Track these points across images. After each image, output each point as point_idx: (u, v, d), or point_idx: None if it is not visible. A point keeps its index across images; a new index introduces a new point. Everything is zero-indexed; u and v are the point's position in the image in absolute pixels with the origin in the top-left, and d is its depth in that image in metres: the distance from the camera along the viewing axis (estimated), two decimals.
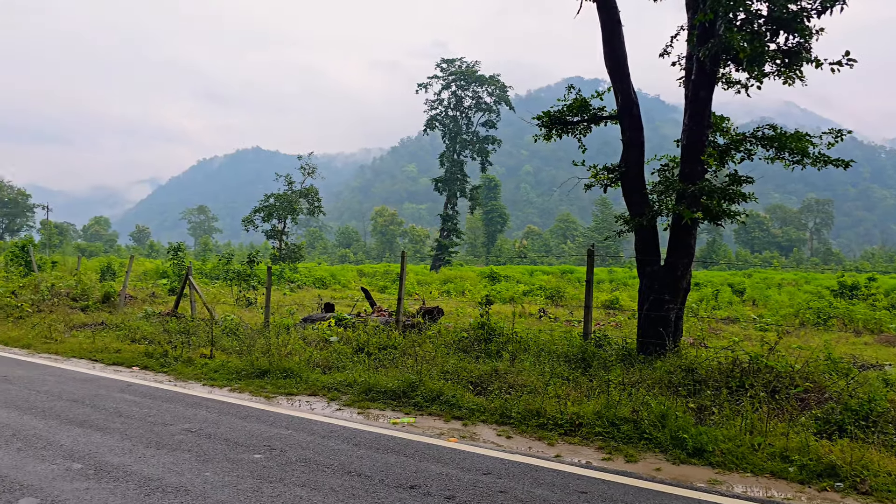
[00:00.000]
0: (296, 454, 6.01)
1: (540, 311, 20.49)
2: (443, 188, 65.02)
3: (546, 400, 7.62)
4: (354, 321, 13.41)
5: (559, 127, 11.40)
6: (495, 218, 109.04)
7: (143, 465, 5.57)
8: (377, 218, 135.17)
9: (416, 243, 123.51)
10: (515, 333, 11.15)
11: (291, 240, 50.89)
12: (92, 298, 18.63)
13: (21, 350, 12.20)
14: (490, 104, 66.40)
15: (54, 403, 7.81)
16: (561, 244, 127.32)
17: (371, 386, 8.64)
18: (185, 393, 8.71)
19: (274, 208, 48.80)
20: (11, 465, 5.46)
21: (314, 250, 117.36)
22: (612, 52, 10.60)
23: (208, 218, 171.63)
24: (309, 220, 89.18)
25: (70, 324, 14.94)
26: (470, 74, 65.62)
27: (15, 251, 28.27)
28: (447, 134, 65.98)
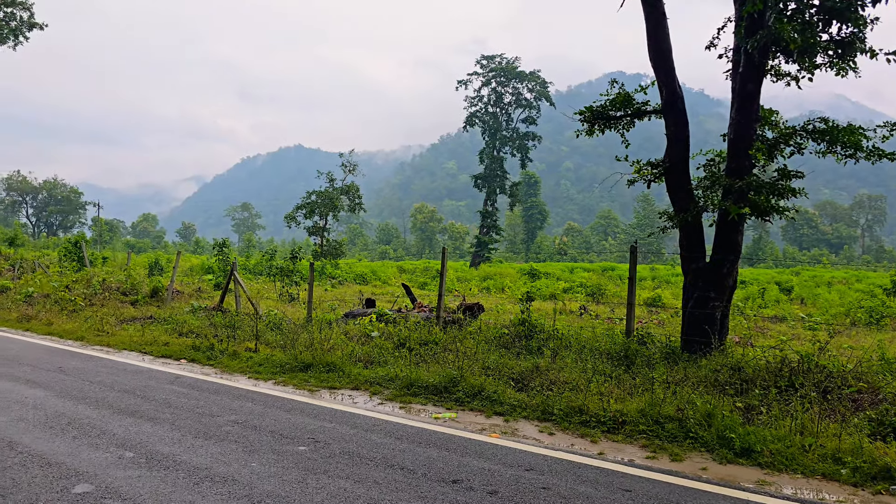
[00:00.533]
0: (339, 447, 6.07)
1: (581, 309, 20.33)
2: (482, 185, 64.92)
3: (588, 397, 7.56)
4: (395, 317, 13.50)
5: (602, 122, 11.28)
6: (535, 215, 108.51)
7: (191, 454, 5.69)
8: (417, 215, 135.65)
9: (455, 240, 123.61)
10: (556, 330, 11.07)
11: (332, 236, 51.48)
12: (141, 293, 19.10)
13: (75, 342, 12.58)
14: (530, 100, 66.05)
15: (107, 394, 8.04)
16: (602, 241, 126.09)
17: (413, 381, 8.68)
18: (232, 385, 8.88)
19: (315, 205, 49.38)
20: (67, 453, 5.63)
21: (355, 247, 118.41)
22: (656, 45, 10.44)
23: (252, 215, 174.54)
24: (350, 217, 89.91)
25: (120, 317, 15.35)
26: (510, 71, 65.36)
27: (68, 247, 29.21)
28: (487, 131, 65.83)
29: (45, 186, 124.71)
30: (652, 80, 10.78)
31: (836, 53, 9.31)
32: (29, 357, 10.66)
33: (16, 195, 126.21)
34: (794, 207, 9.97)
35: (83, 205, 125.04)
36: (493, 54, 67.05)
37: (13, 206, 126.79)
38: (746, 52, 9.44)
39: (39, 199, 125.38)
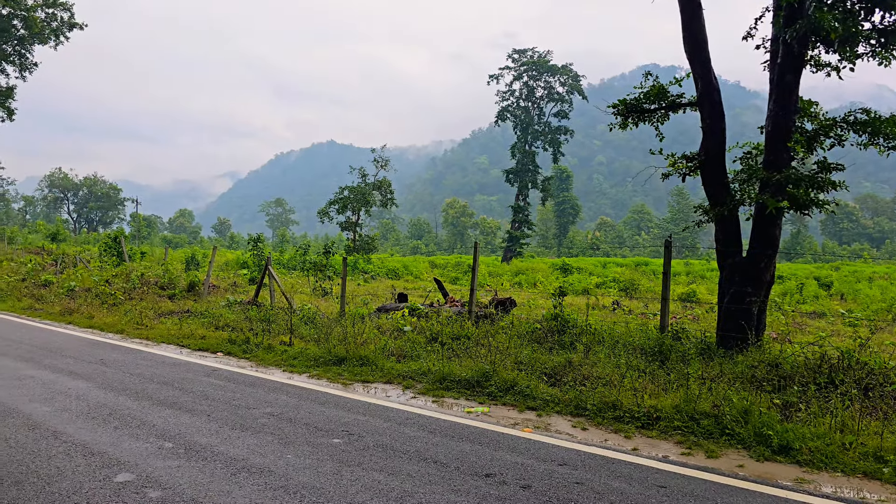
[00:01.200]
0: (373, 440, 6.12)
1: (614, 304, 20.16)
2: (514, 179, 64.64)
3: (622, 392, 7.50)
4: (427, 311, 13.54)
5: (635, 115, 11.15)
6: (567, 209, 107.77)
7: (228, 445, 5.79)
8: (448, 210, 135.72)
9: (487, 235, 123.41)
10: (589, 325, 11.00)
11: (365, 231, 51.76)
12: (178, 287, 19.45)
13: (115, 335, 12.88)
14: (562, 94, 65.54)
15: (146, 386, 8.22)
16: (635, 235, 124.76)
17: (445, 375, 8.70)
18: (267, 378, 9.00)
19: (348, 200, 49.68)
20: (109, 443, 5.78)
21: (387, 242, 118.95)
22: (691, 36, 10.28)
23: (285, 210, 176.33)
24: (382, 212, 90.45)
25: (159, 311, 15.66)
26: (542, 64, 64.92)
27: (108, 242, 29.83)
28: (518, 125, 65.50)
29: (85, 183, 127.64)
30: (687, 72, 10.63)
31: (879, 42, 9.08)
32: (71, 349, 10.94)
33: (58, 192, 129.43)
34: (834, 201, 9.75)
35: (122, 201, 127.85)
36: (524, 48, 66.67)
37: (55, 203, 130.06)
38: (785, 43, 9.25)
39: (80, 195, 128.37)
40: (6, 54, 50.77)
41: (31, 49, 52.20)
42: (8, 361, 9.68)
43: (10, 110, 53.53)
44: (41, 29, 49.93)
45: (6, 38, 49.62)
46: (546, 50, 65.97)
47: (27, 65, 52.67)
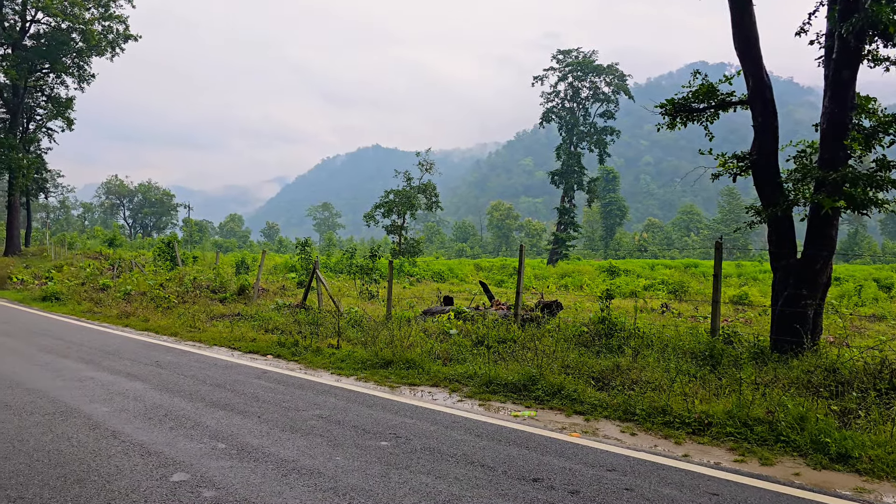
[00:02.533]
0: (420, 443, 6.15)
1: (662, 307, 19.85)
2: (559, 181, 64.19)
3: (672, 397, 7.38)
4: (473, 314, 13.54)
5: (684, 115, 10.97)
6: (614, 210, 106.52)
7: (279, 447, 5.89)
8: (493, 212, 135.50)
9: (532, 237, 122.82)
10: (637, 328, 10.86)
11: (410, 234, 52.05)
12: (229, 291, 19.88)
13: (169, 337, 13.23)
14: (608, 94, 64.85)
15: (199, 387, 8.42)
16: (684, 237, 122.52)
17: (491, 378, 8.69)
18: (315, 381, 9.13)
19: (393, 204, 50.05)
20: (165, 443, 5.94)
21: (432, 245, 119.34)
22: (742, 33, 10.07)
23: (332, 214, 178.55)
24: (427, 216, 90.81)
25: (211, 314, 16.02)
26: (587, 65, 64.35)
27: (162, 247, 30.70)
28: (564, 126, 65.04)
29: (140, 190, 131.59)
30: (737, 69, 10.41)
31: None
32: (128, 351, 11.28)
33: (114, 198, 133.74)
34: (894, 200, 9.42)
35: (174, 206, 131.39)
36: (569, 49, 66.17)
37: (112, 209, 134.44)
38: (841, 38, 8.99)
39: (135, 201, 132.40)
40: (66, 67, 52.64)
41: (88, 61, 54.03)
42: (70, 363, 10.04)
43: (70, 120, 55.44)
44: (98, 41, 51.64)
45: (66, 51, 51.47)
46: (591, 50, 65.42)
47: (85, 76, 54.52)
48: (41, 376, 8.96)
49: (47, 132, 57.25)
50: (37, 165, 54.60)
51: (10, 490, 4.75)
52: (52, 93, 55.40)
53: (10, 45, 50.55)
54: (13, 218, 54.17)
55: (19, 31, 50.72)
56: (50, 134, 57.54)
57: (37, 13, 50.31)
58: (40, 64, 51.46)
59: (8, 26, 50.32)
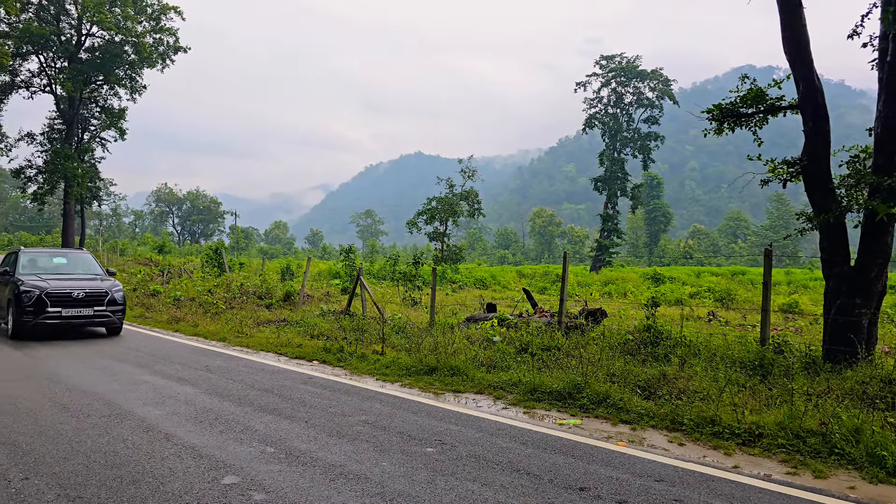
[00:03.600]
0: (466, 450, 6.17)
1: (709, 315, 19.49)
2: (602, 187, 63.66)
3: (721, 407, 7.25)
4: (516, 322, 13.51)
5: (731, 120, 10.78)
6: (658, 217, 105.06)
7: (326, 452, 5.98)
8: (535, 219, 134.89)
9: (575, 244, 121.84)
10: (684, 337, 10.70)
11: (452, 241, 52.13)
12: (275, 297, 20.22)
13: (218, 343, 13.52)
14: (652, 99, 64.14)
15: (248, 392, 8.59)
16: (731, 244, 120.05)
17: (536, 386, 8.67)
18: (360, 386, 9.23)
19: (436, 211, 50.26)
20: (216, 446, 6.08)
21: (474, 251, 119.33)
22: (792, 36, 9.87)
23: (375, 221, 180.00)
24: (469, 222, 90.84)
25: (257, 320, 16.32)
26: (630, 70, 63.75)
27: (210, 253, 31.38)
28: (607, 132, 64.51)
29: (188, 197, 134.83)
30: (786, 72, 10.21)
31: None
32: (179, 356, 11.57)
33: (164, 206, 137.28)
34: None
35: (222, 214, 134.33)
36: (612, 54, 65.66)
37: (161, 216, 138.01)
38: (895, 40, 8.75)
39: (184, 209, 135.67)
40: (119, 78, 54.30)
41: (140, 73, 55.64)
42: (123, 367, 10.34)
43: (122, 130, 57.10)
44: (149, 53, 53.15)
45: (119, 63, 53.11)
46: (635, 55, 64.87)
47: (137, 88, 56.14)
48: (97, 380, 9.25)
49: (101, 142, 59.11)
50: (91, 174, 56.38)
51: (69, 489, 4.93)
52: (106, 104, 57.17)
53: (66, 59, 52.42)
54: (68, 225, 56.00)
55: (75, 45, 52.55)
56: (103, 144, 59.40)
57: (92, 27, 52.07)
58: (94, 76, 53.20)
59: (65, 40, 52.18)
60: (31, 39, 49.16)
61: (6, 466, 5.44)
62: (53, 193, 54.45)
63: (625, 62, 64.48)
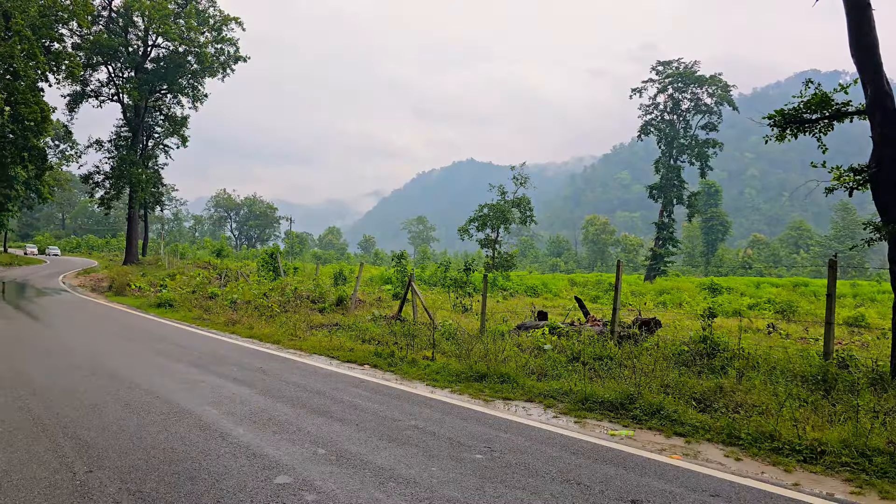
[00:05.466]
0: (515, 458, 6.13)
1: (769, 327, 18.91)
2: (658, 195, 62.58)
3: (780, 422, 7.01)
4: (568, 330, 13.37)
5: (794, 126, 10.47)
6: (715, 226, 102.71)
7: (376, 455, 6.02)
8: (588, 227, 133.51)
9: (628, 253, 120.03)
10: (742, 349, 10.40)
11: (504, 248, 51.97)
12: (328, 301, 20.49)
13: (272, 345, 13.77)
14: (710, 106, 62.76)
15: (300, 394, 8.72)
16: (792, 254, 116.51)
17: (587, 396, 8.55)
18: (411, 392, 9.26)
19: (487, 218, 50.19)
20: (269, 446, 6.19)
21: (525, 259, 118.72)
22: (859, 39, 9.54)
23: (426, 228, 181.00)
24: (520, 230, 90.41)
25: (310, 323, 16.57)
26: (688, 76, 62.56)
27: (265, 258, 32.06)
28: (663, 139, 63.42)
29: (245, 203, 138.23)
30: (853, 76, 9.86)
31: None
32: (235, 357, 11.83)
33: (222, 211, 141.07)
34: None
35: (277, 219, 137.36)
36: (669, 60, 64.60)
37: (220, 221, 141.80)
38: None
39: (241, 214, 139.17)
40: (181, 87, 56.09)
41: (202, 82, 57.39)
42: (182, 367, 10.63)
43: (184, 137, 58.92)
44: (211, 63, 54.73)
45: (182, 72, 54.86)
46: (693, 60, 63.63)
47: (199, 96, 57.88)
48: (157, 378, 9.53)
49: (164, 149, 61.15)
50: (154, 180, 58.31)
51: (129, 483, 5.09)
52: (169, 112, 59.15)
53: (133, 69, 54.42)
54: (132, 229, 58.00)
55: (141, 56, 54.52)
56: (166, 150, 61.44)
57: (157, 38, 53.97)
58: (159, 85, 55.10)
59: (132, 51, 54.19)
60: (101, 51, 51.27)
61: (72, 459, 5.65)
62: (119, 198, 56.51)
63: (682, 68, 63.32)
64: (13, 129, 44.70)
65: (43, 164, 46.22)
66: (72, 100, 53.79)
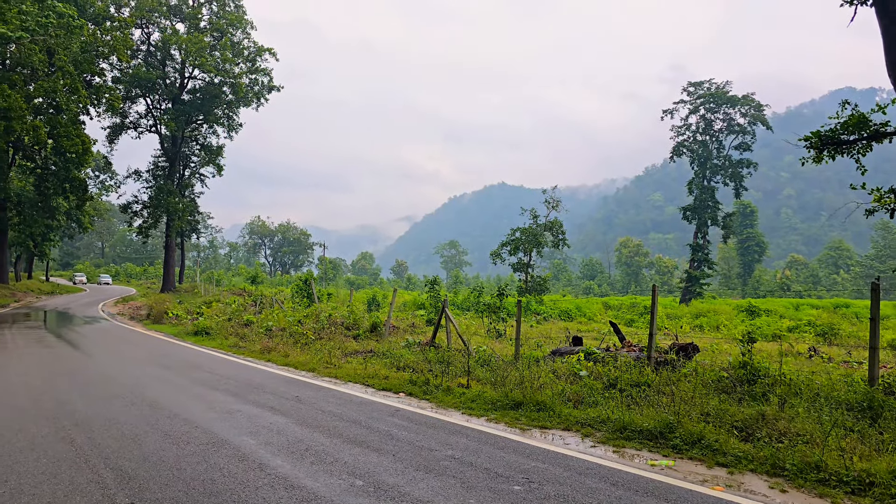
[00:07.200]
0: (553, 489, 6.06)
1: (810, 350, 18.49)
2: (692, 217, 61.95)
3: (826, 452, 6.83)
4: (604, 356, 13.22)
5: (831, 147, 10.33)
6: (752, 247, 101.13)
7: (413, 486, 6.00)
8: (622, 249, 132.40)
9: (662, 275, 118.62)
10: (783, 375, 10.17)
11: (536, 272, 51.75)
12: (362, 328, 20.58)
13: (307, 373, 13.86)
14: (744, 126, 62.18)
15: (336, 423, 8.75)
16: (832, 274, 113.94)
17: (625, 424, 8.43)
18: (446, 420, 9.23)
19: (520, 242, 50.12)
20: (307, 477, 6.21)
21: (558, 282, 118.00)
22: (895, 60, 9.41)
23: (458, 252, 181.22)
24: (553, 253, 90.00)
25: (345, 351, 16.64)
26: (720, 96, 62.14)
27: (299, 284, 32.35)
28: (696, 160, 62.93)
29: (279, 230, 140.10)
30: (890, 94, 9.71)
31: None
32: (270, 386, 11.93)
33: (256, 238, 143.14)
34: None
35: (311, 245, 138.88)
36: (700, 80, 64.33)
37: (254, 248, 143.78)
38: None
39: (275, 241, 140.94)
40: (217, 118, 57.37)
41: (237, 111, 58.66)
42: (220, 395, 10.75)
43: (220, 166, 60.11)
44: (245, 93, 55.94)
45: (217, 103, 56.17)
46: (724, 80, 63.26)
47: (234, 126, 59.15)
48: (195, 408, 9.65)
49: (200, 178, 62.41)
50: (191, 209, 59.49)
51: None
52: (205, 141, 60.45)
53: (170, 101, 55.87)
54: (169, 257, 59.09)
55: (178, 87, 55.97)
56: (202, 179, 62.70)
57: (194, 70, 55.41)
58: (195, 116, 56.46)
59: (169, 83, 55.66)
60: (140, 83, 52.80)
61: (114, 490, 5.73)
62: (157, 227, 57.69)
63: (714, 88, 62.96)
64: (55, 162, 46.19)
65: (84, 195, 47.54)
66: (111, 131, 55.42)
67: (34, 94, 37.06)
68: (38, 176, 47.67)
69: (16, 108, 33.40)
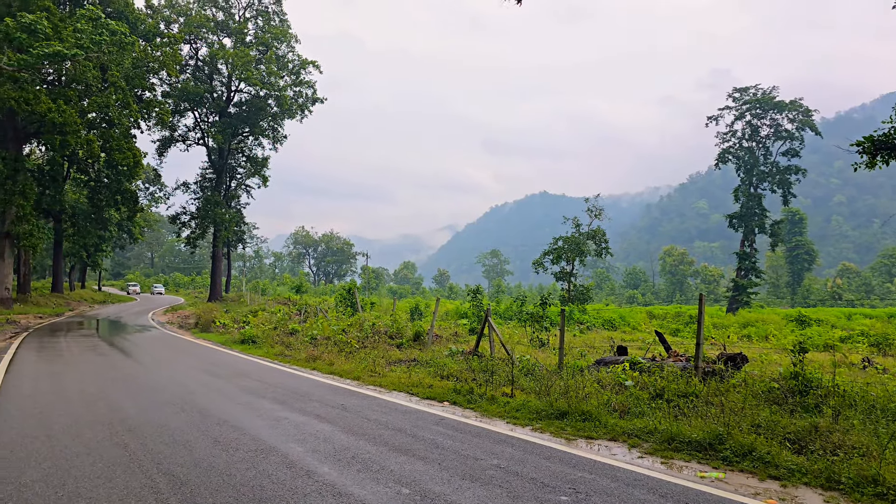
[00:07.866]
0: (601, 500, 6.00)
1: (864, 361, 17.95)
2: (738, 224, 60.76)
3: (884, 465, 6.62)
4: (649, 366, 13.05)
5: (885, 152, 10.06)
6: (801, 255, 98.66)
7: (459, 495, 6.01)
8: (666, 258, 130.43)
9: (708, 283, 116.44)
10: (837, 386, 9.90)
11: (579, 281, 51.27)
12: (405, 337, 20.69)
13: (352, 381, 14.00)
14: (791, 131, 60.79)
15: (382, 431, 8.82)
16: (885, 283, 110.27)
17: (673, 435, 8.31)
18: (491, 430, 9.22)
19: (562, 250, 49.75)
20: (354, 484, 6.28)
21: (601, 291, 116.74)
22: None
23: (500, 261, 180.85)
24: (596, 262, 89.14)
25: (389, 359, 16.75)
26: (766, 101, 60.93)
27: (343, 293, 32.69)
28: (742, 167, 61.76)
29: (323, 240, 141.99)
30: None
31: None
32: (316, 394, 12.08)
33: (301, 248, 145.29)
34: None
35: (354, 255, 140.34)
36: (745, 86, 63.15)
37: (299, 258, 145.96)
38: None
39: (319, 250, 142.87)
40: (262, 130, 58.53)
41: (281, 124, 59.76)
42: (267, 403, 10.93)
43: (265, 178, 61.21)
44: (290, 105, 56.96)
45: (262, 115, 57.32)
46: (771, 86, 62.07)
47: (279, 138, 60.25)
48: (244, 415, 9.83)
49: (246, 189, 63.66)
50: (237, 219, 60.71)
51: None
52: (251, 153, 61.67)
53: (217, 113, 57.21)
54: (216, 267, 60.30)
55: (225, 101, 57.30)
56: (248, 190, 63.95)
57: (240, 84, 56.65)
58: (241, 128, 57.69)
59: (216, 96, 57.01)
60: (188, 97, 54.21)
61: (167, 495, 5.88)
62: (204, 237, 58.96)
63: (760, 94, 61.77)
64: (108, 174, 47.63)
65: (134, 206, 48.88)
66: (161, 144, 56.97)
67: (88, 109, 38.32)
68: (92, 188, 49.19)
69: (71, 122, 34.59)
